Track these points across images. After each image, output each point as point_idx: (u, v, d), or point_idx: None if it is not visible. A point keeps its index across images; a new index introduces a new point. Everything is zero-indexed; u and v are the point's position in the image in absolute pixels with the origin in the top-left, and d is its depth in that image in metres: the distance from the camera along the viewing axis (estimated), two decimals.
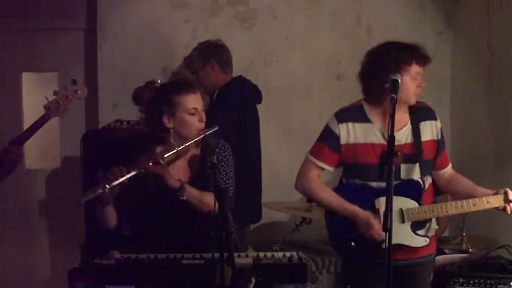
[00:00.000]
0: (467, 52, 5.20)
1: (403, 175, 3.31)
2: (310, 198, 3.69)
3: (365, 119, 3.35)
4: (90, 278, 4.32)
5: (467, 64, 5.19)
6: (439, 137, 3.40)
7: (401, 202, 3.29)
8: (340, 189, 3.44)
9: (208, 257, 3.00)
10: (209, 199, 3.01)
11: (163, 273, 2.98)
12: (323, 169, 3.43)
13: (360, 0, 5.30)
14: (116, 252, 3.09)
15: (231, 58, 4.61)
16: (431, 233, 3.42)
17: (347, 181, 3.45)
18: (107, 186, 2.97)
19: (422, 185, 3.32)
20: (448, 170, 3.49)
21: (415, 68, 3.29)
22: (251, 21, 5.25)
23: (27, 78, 5.50)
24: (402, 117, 3.32)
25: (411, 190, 3.31)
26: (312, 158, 3.45)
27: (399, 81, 3.16)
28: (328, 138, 3.40)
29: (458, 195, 3.42)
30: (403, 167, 3.30)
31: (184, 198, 3.10)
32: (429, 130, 3.36)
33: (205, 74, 4.51)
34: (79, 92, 3.77)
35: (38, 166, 5.57)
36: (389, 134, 3.00)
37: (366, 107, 3.37)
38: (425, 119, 3.37)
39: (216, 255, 2.86)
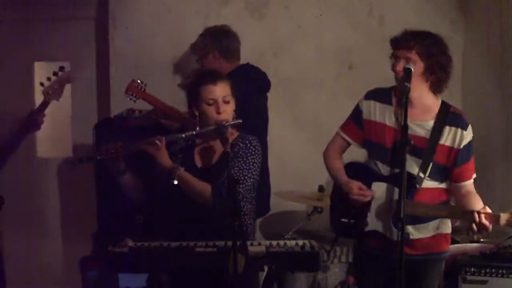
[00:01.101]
0: (479, 43, 5.17)
1: (409, 167, 3.26)
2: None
3: (388, 101, 3.40)
4: (102, 267, 4.38)
5: (479, 54, 5.16)
6: (461, 147, 3.31)
7: (390, 191, 3.34)
8: (347, 166, 3.58)
9: (221, 245, 3.02)
10: (203, 189, 3.19)
11: (176, 261, 2.99)
12: (347, 142, 3.56)
13: None
14: (129, 240, 3.11)
15: (236, 46, 4.57)
16: (428, 233, 3.41)
17: (369, 160, 3.51)
18: (98, 157, 3.27)
19: (416, 181, 3.28)
20: (466, 185, 3.37)
21: (399, 52, 3.29)
22: (263, 10, 5.24)
23: (39, 67, 5.51)
24: (424, 110, 3.32)
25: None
26: (339, 130, 3.60)
27: (412, 70, 3.16)
28: (354, 112, 3.53)
29: None
30: (408, 158, 3.25)
31: (175, 182, 3.18)
32: (452, 136, 3.31)
33: (208, 63, 4.49)
34: (71, 75, 4.15)
35: (50, 154, 5.58)
36: (402, 122, 3.02)
37: (394, 90, 3.42)
38: (452, 125, 3.32)
39: (229, 243, 2.87)
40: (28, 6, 5.36)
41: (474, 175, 3.41)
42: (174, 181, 3.18)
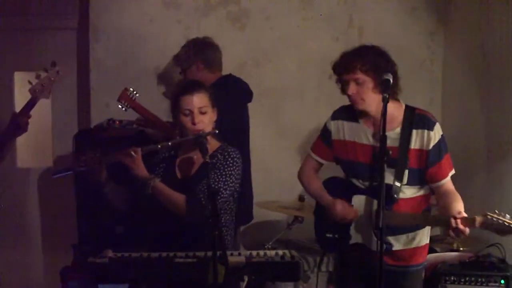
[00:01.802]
0: (459, 53, 5.22)
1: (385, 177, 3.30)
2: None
3: (354, 118, 3.44)
4: (83, 277, 4.35)
5: (459, 64, 5.21)
6: (429, 148, 3.31)
7: (370, 203, 3.39)
8: (326, 183, 3.64)
9: (201, 256, 3.02)
10: (177, 200, 3.23)
11: (156, 272, 2.99)
12: (319, 162, 3.62)
13: (352, 1, 5.31)
14: (109, 250, 3.10)
15: (219, 57, 4.60)
16: (408, 244, 3.43)
17: (345, 176, 3.56)
18: (78, 168, 3.28)
19: (394, 191, 3.29)
20: (443, 184, 3.36)
21: (345, 77, 3.33)
22: (243, 21, 5.26)
23: (19, 78, 5.48)
24: (390, 119, 3.29)
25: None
26: (310, 152, 3.67)
27: (391, 81, 3.19)
28: (323, 133, 3.59)
29: (440, 210, 3.37)
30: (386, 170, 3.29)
31: (149, 192, 3.22)
32: (420, 139, 3.32)
33: (191, 74, 4.51)
34: (60, 73, 3.94)
35: (30, 164, 5.56)
36: (381, 133, 3.03)
37: None
38: (418, 127, 3.33)
39: (209, 253, 2.87)
40: (8, 16, 5.33)
41: (452, 172, 3.39)
42: (148, 191, 3.22)
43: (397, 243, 3.40)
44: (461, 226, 3.05)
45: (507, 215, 3.00)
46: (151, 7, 5.19)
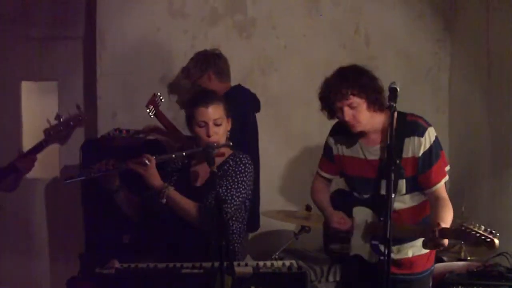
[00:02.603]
0: (465, 60, 5.21)
1: (382, 189, 3.30)
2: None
3: (349, 135, 3.42)
4: (89, 287, 4.35)
5: (465, 72, 5.20)
6: (419, 154, 3.27)
7: (368, 215, 3.42)
8: (333, 194, 3.72)
9: (207, 266, 3.01)
10: (190, 208, 3.21)
11: (162, 283, 2.98)
12: (326, 178, 3.68)
13: (359, 9, 5.31)
14: (115, 261, 3.09)
15: (228, 68, 4.62)
16: (408, 253, 3.42)
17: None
18: (92, 174, 3.23)
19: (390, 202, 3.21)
20: (435, 190, 3.31)
21: (338, 105, 3.29)
22: (250, 30, 5.27)
23: (26, 87, 5.50)
24: (375, 136, 3.36)
25: (378, 204, 3.32)
26: (318, 169, 3.71)
27: (398, 88, 3.17)
28: (325, 150, 3.64)
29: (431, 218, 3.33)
30: (381, 182, 3.30)
31: (164, 201, 3.19)
32: (411, 146, 3.29)
33: (203, 84, 4.52)
34: (83, 118, 3.63)
35: (37, 175, 5.54)
36: (389, 143, 3.02)
37: None
38: (409, 135, 3.29)
39: (216, 264, 2.87)
40: (15, 25, 5.36)
41: (446, 178, 3.35)
42: (163, 200, 3.19)
43: (395, 252, 3.38)
44: (437, 239, 3.00)
45: (482, 226, 2.97)
46: (158, 17, 5.21)
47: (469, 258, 4.26)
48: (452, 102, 5.36)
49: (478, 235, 2.93)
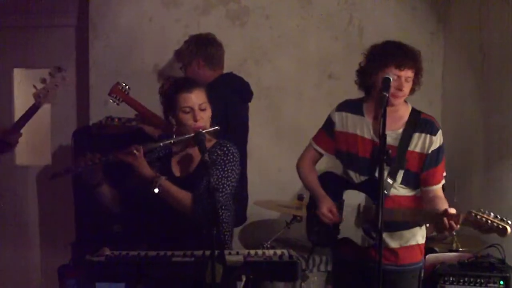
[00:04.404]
0: (458, 53, 5.22)
1: (377, 173, 3.27)
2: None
3: (359, 112, 3.47)
4: (80, 275, 4.35)
5: (458, 64, 5.20)
6: (429, 152, 3.33)
7: (360, 198, 3.41)
8: (321, 176, 3.66)
9: (198, 255, 3.00)
10: (184, 197, 3.17)
11: (153, 271, 2.97)
12: (319, 153, 3.64)
13: (352, 1, 5.30)
14: (106, 249, 3.09)
15: (220, 54, 4.53)
16: (402, 242, 3.42)
17: (342, 170, 3.56)
18: (78, 169, 3.17)
19: (385, 188, 3.25)
20: (433, 190, 3.38)
21: (393, 71, 3.28)
22: (243, 19, 5.25)
23: (18, 74, 5.48)
24: (395, 119, 3.35)
25: (373, 189, 3.30)
26: (312, 142, 3.68)
27: (391, 79, 3.20)
28: (326, 124, 3.60)
29: None
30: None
31: (156, 191, 3.15)
32: (421, 143, 3.34)
33: (191, 70, 4.46)
34: (66, 78, 3.91)
35: (29, 162, 5.56)
36: (381, 132, 3.02)
37: (364, 101, 3.49)
38: (421, 131, 3.34)
39: (207, 252, 2.87)
40: (7, 13, 5.33)
41: (443, 182, 3.41)
42: (155, 189, 3.15)
43: (391, 241, 3.39)
44: (452, 222, 3.06)
45: (491, 213, 3.00)
46: (151, 6, 5.20)
47: (460, 249, 4.27)
48: (445, 94, 5.37)
49: (490, 222, 2.97)
